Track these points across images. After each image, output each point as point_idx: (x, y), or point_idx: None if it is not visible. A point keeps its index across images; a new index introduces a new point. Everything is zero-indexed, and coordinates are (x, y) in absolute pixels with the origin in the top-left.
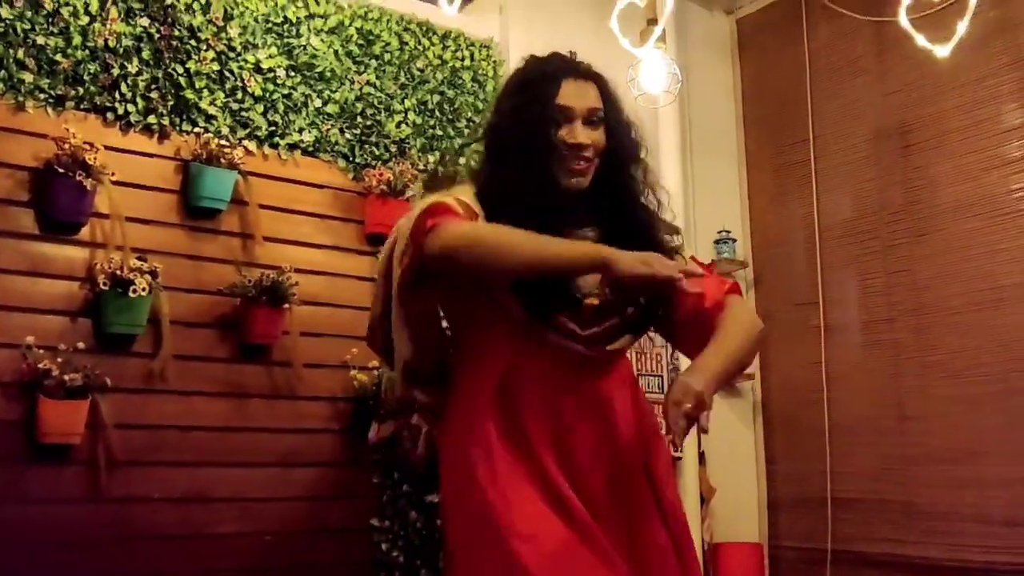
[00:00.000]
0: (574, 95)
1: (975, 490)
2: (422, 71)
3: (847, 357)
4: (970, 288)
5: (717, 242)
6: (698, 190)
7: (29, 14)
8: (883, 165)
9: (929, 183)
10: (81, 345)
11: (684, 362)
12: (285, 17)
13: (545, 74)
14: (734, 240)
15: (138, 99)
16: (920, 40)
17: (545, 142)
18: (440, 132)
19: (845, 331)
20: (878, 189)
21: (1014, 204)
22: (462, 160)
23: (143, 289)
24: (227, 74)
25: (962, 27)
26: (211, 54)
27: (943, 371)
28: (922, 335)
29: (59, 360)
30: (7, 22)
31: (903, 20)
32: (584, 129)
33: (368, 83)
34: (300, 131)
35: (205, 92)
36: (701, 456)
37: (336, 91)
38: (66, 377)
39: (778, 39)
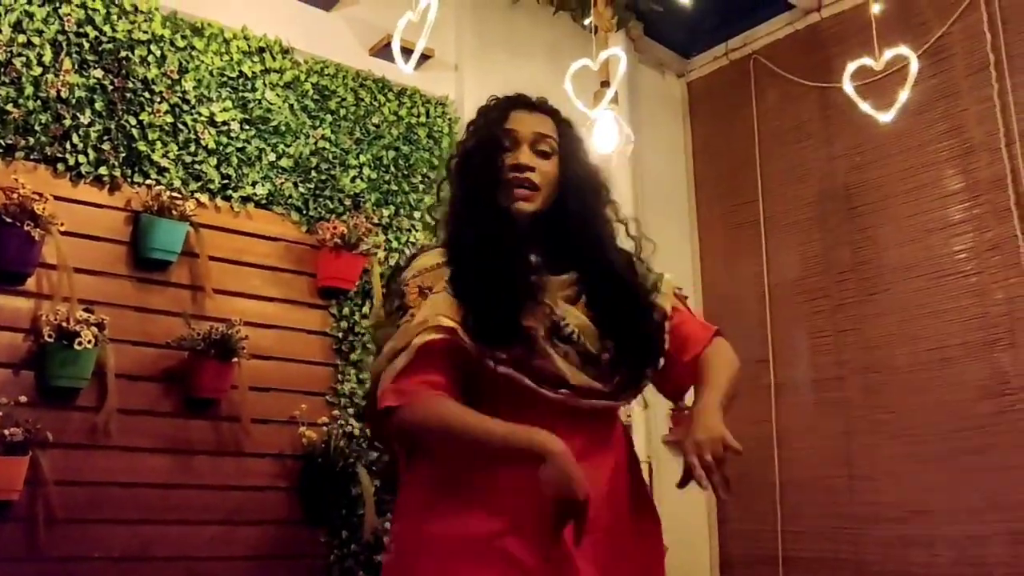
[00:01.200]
0: (522, 121)
1: (923, 548)
2: (377, 127)
3: (797, 415)
4: (917, 348)
5: None
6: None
7: None
8: (830, 226)
9: (875, 244)
10: (23, 398)
11: (637, 420)
12: (240, 71)
13: (498, 105)
14: (686, 297)
15: (89, 150)
16: (864, 107)
17: (492, 166)
18: (395, 187)
19: (795, 389)
20: (825, 249)
21: (956, 266)
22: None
23: (89, 341)
24: (181, 126)
25: (904, 95)
26: (165, 106)
27: (892, 430)
28: (871, 394)
29: None
30: None
31: (847, 87)
32: (530, 154)
33: (323, 137)
34: (254, 184)
35: (158, 144)
36: None
37: (291, 145)
38: (6, 432)
39: (728, 102)
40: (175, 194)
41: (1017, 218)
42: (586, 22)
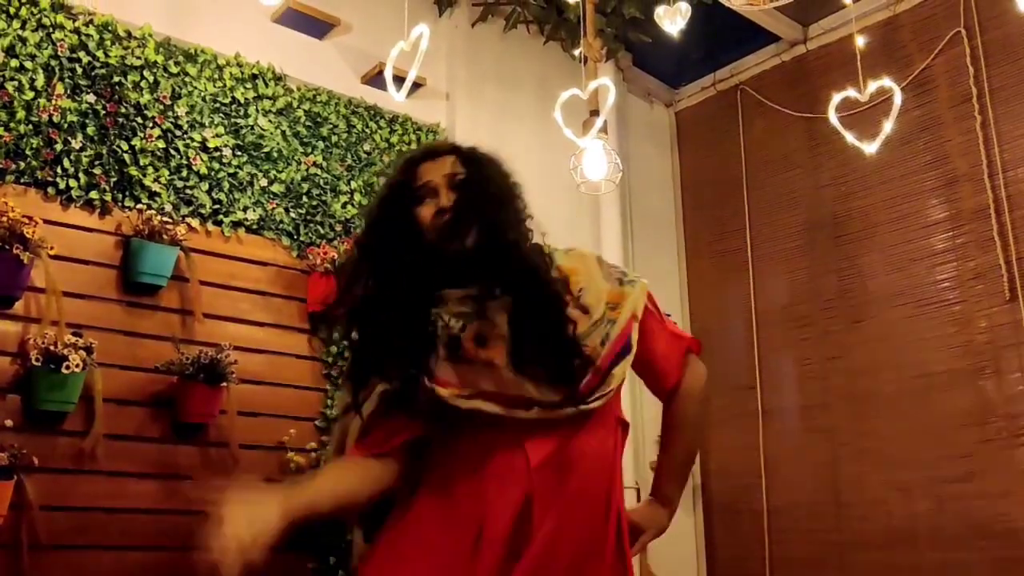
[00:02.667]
0: (430, 171)
1: (909, 575)
2: (369, 153)
3: (784, 442)
4: (901, 375)
5: None
6: (638, 274)
7: None
8: (816, 254)
9: (860, 272)
10: (9, 423)
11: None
12: (233, 98)
13: (400, 168)
14: (674, 323)
15: (80, 174)
16: (849, 137)
17: (419, 220)
18: None
19: (782, 416)
20: (812, 277)
21: (940, 294)
22: None
23: (77, 365)
24: (173, 152)
25: (888, 125)
26: (157, 131)
27: (877, 457)
28: (857, 421)
29: None
30: None
31: (832, 118)
32: (449, 194)
33: (315, 164)
34: (245, 209)
35: (150, 169)
36: None
37: (282, 171)
38: None
39: (715, 132)
40: (166, 218)
41: (1000, 248)
42: (576, 52)
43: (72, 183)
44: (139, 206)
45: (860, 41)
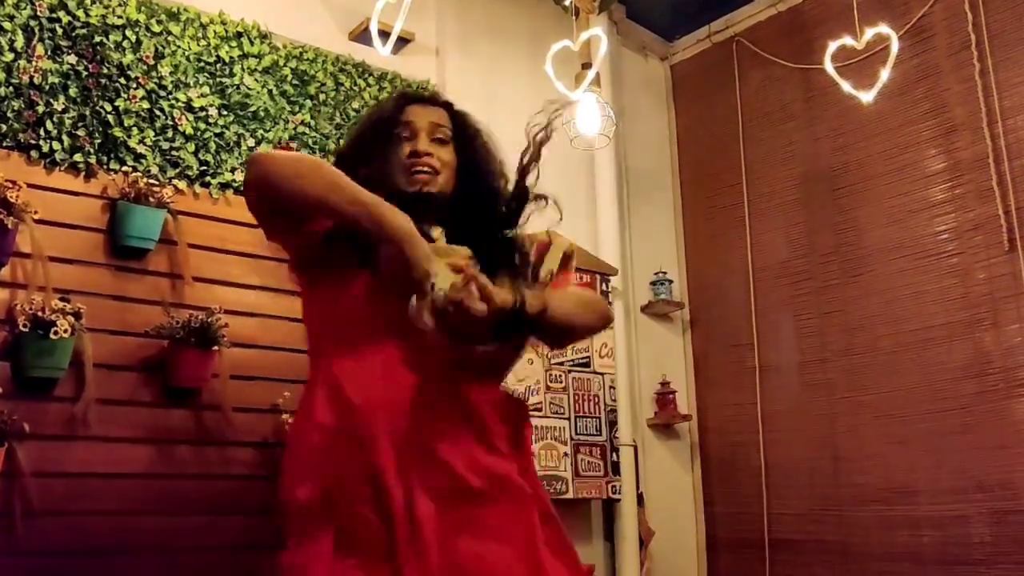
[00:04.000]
0: (417, 113)
1: (907, 530)
2: (358, 111)
3: (782, 398)
4: (899, 329)
5: (653, 283)
6: (634, 232)
7: None
8: (813, 208)
9: (857, 226)
10: None
11: (623, 402)
12: (218, 56)
13: (392, 101)
14: (670, 281)
15: (64, 137)
16: (845, 87)
17: (392, 154)
18: None
19: (780, 372)
20: (809, 231)
21: (938, 246)
22: None
23: (65, 331)
24: (157, 112)
25: (885, 73)
26: (141, 92)
27: (875, 411)
28: (855, 376)
29: None
30: None
31: (828, 67)
32: (428, 142)
33: (303, 123)
34: (232, 170)
35: (134, 130)
36: (640, 497)
37: (270, 131)
38: None
39: (711, 85)
40: (152, 181)
41: (999, 198)
42: (567, 3)
43: (56, 146)
44: (124, 168)
45: None
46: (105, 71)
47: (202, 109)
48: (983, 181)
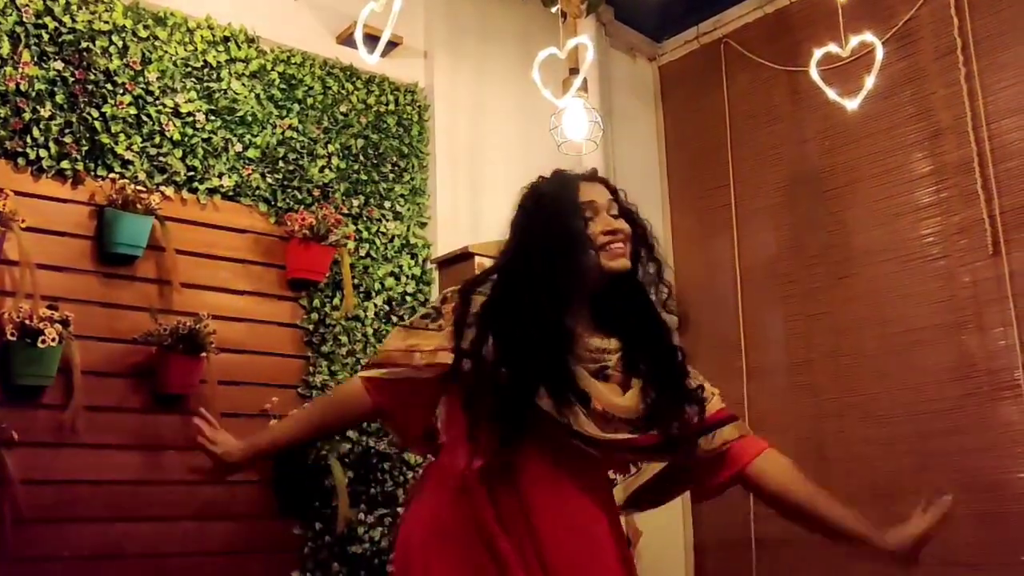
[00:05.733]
0: (594, 191)
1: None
2: (346, 115)
3: (769, 399)
4: (885, 331)
5: None
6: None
7: None
8: (801, 210)
9: (844, 228)
10: None
11: None
12: (205, 61)
13: (561, 182)
14: None
15: (51, 144)
16: (831, 94)
17: (581, 237)
18: (364, 177)
19: (767, 373)
20: (796, 233)
21: (924, 249)
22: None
23: (53, 339)
24: (144, 118)
25: (870, 81)
26: (128, 98)
27: (860, 413)
28: (841, 378)
29: None
30: None
31: (814, 74)
32: (611, 220)
33: (290, 127)
34: (220, 176)
35: (121, 136)
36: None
37: (257, 135)
38: None
39: (699, 86)
40: (140, 187)
41: (984, 201)
42: (554, 9)
43: (43, 153)
44: (112, 175)
45: None
46: (92, 77)
47: (189, 114)
48: (968, 185)
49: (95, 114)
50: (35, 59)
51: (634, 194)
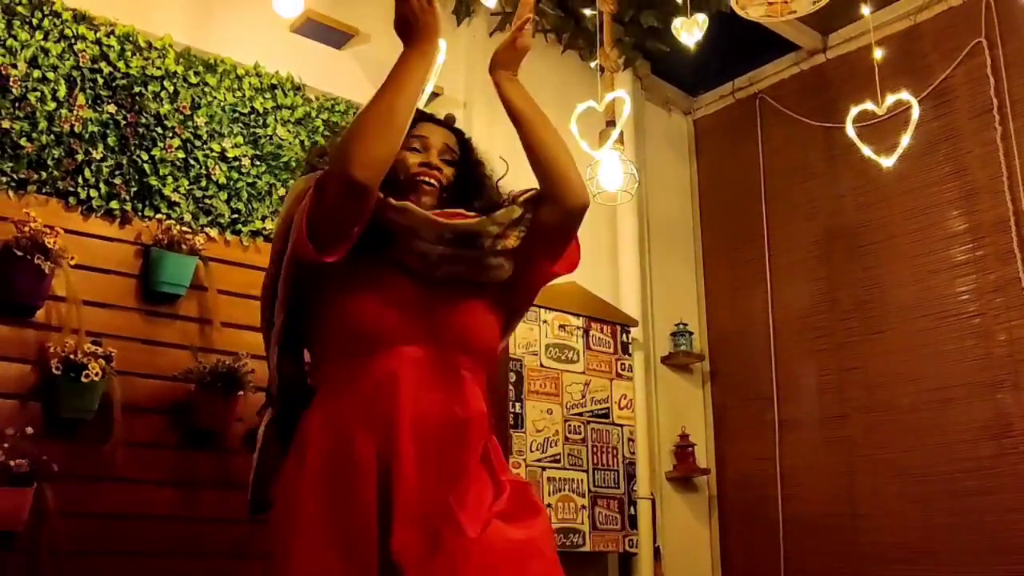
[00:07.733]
0: (432, 132)
1: None
2: None
3: (801, 453)
4: (919, 387)
5: (674, 334)
6: (656, 283)
7: None
8: (835, 264)
9: (879, 283)
10: (29, 430)
11: (641, 455)
12: (252, 107)
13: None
14: (691, 333)
15: (101, 184)
16: (866, 151)
17: (399, 163)
18: None
19: (799, 426)
20: (830, 287)
21: (959, 306)
22: None
23: (96, 374)
24: (192, 162)
25: (906, 139)
26: (177, 142)
27: (894, 469)
28: (874, 433)
29: (5, 445)
30: None
31: (850, 131)
32: (438, 160)
33: None
34: (263, 218)
35: (169, 179)
36: (657, 551)
37: None
38: (12, 463)
39: (734, 140)
40: (185, 228)
41: (1020, 260)
42: (593, 64)
43: (93, 193)
44: (158, 216)
45: (878, 54)
46: (143, 120)
47: (235, 159)
48: (1004, 243)
49: (144, 156)
50: (89, 102)
51: (668, 245)
